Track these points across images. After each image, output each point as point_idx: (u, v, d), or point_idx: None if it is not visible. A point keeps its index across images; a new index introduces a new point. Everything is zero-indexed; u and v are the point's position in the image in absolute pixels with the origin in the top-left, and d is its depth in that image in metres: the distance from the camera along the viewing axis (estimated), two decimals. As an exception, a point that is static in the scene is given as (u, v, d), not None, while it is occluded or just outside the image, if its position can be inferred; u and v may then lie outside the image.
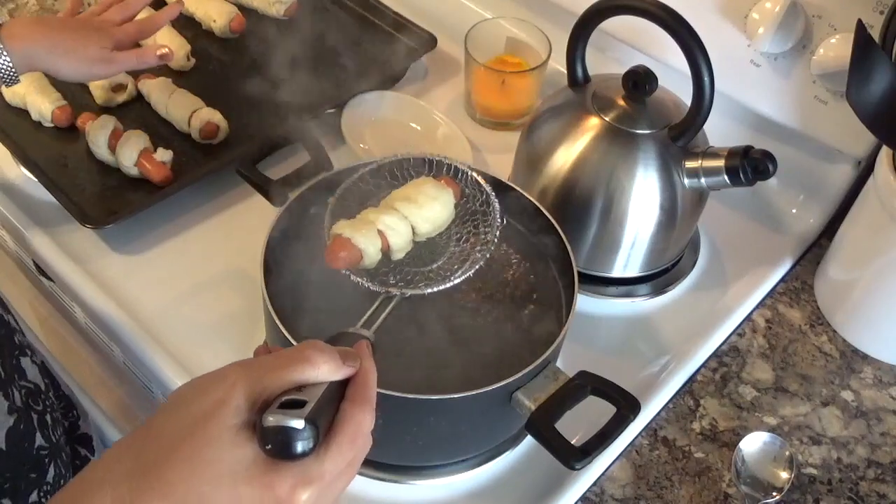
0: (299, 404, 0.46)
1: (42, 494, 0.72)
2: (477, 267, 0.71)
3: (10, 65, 0.79)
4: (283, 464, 0.46)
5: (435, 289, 0.69)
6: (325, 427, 0.48)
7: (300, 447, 0.46)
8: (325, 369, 0.49)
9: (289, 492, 0.45)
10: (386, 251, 0.70)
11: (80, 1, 0.92)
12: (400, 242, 0.71)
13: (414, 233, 0.72)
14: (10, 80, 0.80)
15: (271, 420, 0.45)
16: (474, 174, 0.76)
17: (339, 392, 0.50)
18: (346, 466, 0.48)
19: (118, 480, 0.44)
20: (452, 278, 0.70)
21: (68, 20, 0.88)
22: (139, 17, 0.92)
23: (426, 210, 0.71)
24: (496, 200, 0.74)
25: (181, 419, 0.46)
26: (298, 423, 0.45)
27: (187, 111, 0.97)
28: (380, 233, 0.69)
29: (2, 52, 0.79)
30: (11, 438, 0.69)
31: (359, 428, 0.49)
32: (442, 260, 0.73)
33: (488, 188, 0.75)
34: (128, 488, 0.44)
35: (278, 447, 0.46)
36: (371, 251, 0.69)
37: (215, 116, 0.96)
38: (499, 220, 0.73)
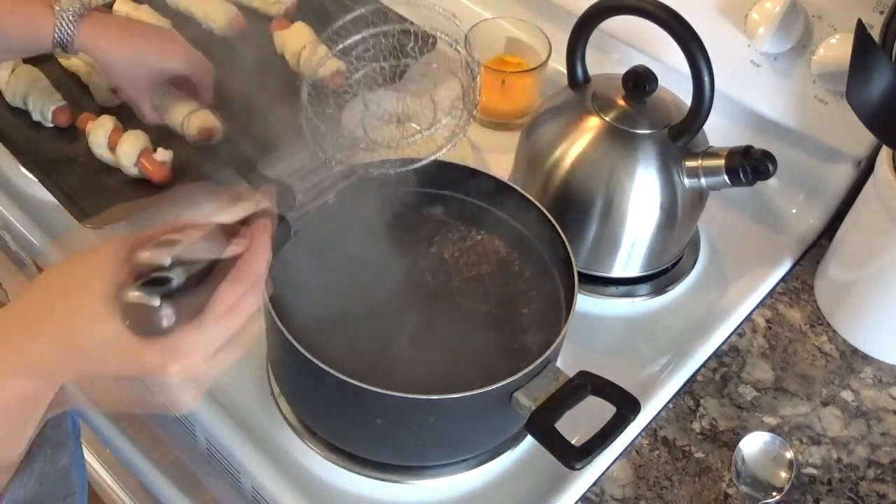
0: (166, 281, 0.47)
1: None
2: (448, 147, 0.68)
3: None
4: (151, 338, 0.46)
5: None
6: (199, 305, 0.48)
7: (160, 323, 0.46)
8: (207, 207, 0.49)
9: (158, 365, 0.47)
10: None
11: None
12: None
13: None
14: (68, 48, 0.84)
15: (129, 296, 0.46)
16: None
17: (225, 268, 0.50)
18: (222, 343, 0.48)
19: None
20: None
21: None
22: None
23: None
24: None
25: (50, 294, 0.47)
26: (154, 301, 0.46)
27: (181, 115, 0.95)
28: None
29: (73, 24, 0.82)
30: None
31: (232, 306, 0.48)
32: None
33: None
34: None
35: (135, 323, 0.46)
36: None
37: (207, 120, 0.95)
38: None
